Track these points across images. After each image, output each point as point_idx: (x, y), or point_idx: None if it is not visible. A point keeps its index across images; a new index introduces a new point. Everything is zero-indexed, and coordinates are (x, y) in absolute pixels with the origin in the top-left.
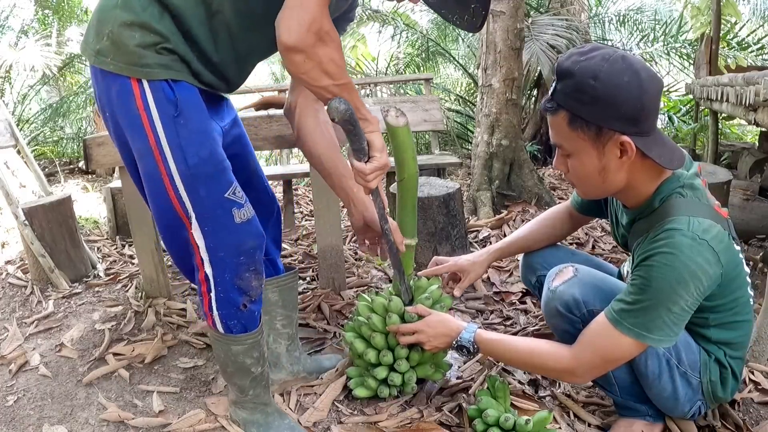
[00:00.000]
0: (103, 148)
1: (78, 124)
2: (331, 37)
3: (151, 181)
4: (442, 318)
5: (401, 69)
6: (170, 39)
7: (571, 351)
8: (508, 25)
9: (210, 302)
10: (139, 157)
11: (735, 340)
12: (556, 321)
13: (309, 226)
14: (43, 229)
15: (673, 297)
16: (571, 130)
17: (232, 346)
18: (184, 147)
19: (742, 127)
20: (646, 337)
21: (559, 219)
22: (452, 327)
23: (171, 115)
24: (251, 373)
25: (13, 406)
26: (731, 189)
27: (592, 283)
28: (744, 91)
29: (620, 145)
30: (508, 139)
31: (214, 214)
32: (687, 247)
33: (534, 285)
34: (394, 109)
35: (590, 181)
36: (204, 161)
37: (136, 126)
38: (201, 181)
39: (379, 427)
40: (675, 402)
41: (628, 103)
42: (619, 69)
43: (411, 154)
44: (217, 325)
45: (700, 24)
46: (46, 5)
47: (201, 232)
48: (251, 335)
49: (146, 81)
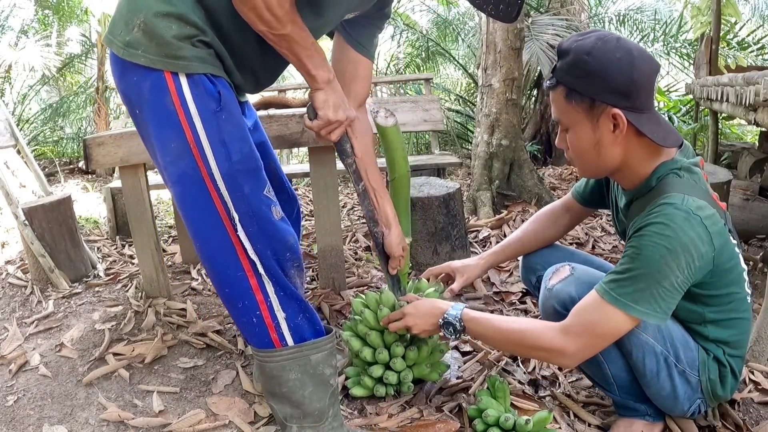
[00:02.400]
0: (103, 148)
1: (78, 124)
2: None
3: (189, 183)
4: (430, 300)
5: (401, 69)
6: (207, 32)
7: (561, 330)
8: (508, 25)
9: (271, 310)
10: (173, 160)
11: (733, 338)
12: (553, 319)
13: (309, 226)
14: (43, 229)
15: (663, 269)
16: (567, 104)
17: (311, 356)
18: (228, 143)
19: (742, 127)
20: (633, 309)
21: (554, 216)
22: (439, 306)
23: (213, 110)
24: (330, 387)
25: (13, 406)
26: (731, 189)
27: (589, 281)
28: (744, 91)
29: (612, 118)
30: (508, 139)
31: (259, 211)
32: (680, 219)
33: (534, 285)
34: (384, 109)
35: (587, 156)
36: (247, 157)
37: (172, 124)
38: (244, 177)
39: (379, 427)
40: (674, 401)
41: (618, 77)
42: (612, 47)
43: (401, 154)
44: (286, 337)
45: (700, 24)
46: (46, 5)
47: (246, 234)
48: (329, 338)
49: (183, 75)
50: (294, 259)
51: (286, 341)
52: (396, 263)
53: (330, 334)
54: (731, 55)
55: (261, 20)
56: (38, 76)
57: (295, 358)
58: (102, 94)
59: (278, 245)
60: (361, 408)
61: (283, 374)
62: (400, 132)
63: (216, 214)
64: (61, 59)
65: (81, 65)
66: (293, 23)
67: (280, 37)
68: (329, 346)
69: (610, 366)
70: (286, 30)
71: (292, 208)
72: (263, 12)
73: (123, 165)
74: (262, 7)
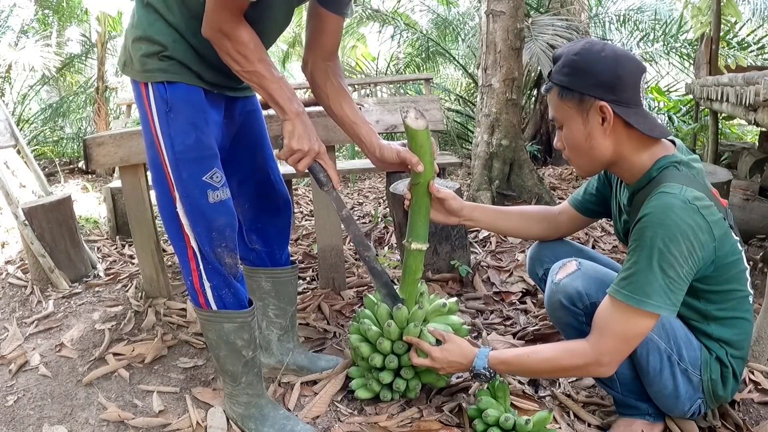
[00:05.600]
0: (103, 148)
1: (78, 124)
2: (234, 35)
3: (155, 167)
4: (457, 346)
5: (401, 69)
6: (168, 47)
7: (589, 342)
8: (508, 25)
9: (200, 277)
10: (147, 148)
11: (736, 338)
12: (560, 314)
13: (309, 226)
14: (43, 229)
15: (667, 257)
16: (560, 101)
17: (224, 324)
18: (173, 136)
19: (742, 127)
20: (646, 303)
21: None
22: (466, 355)
23: (165, 111)
24: (243, 357)
25: (13, 406)
26: (731, 189)
27: (596, 276)
28: (744, 91)
29: (600, 110)
30: (508, 139)
31: (192, 193)
32: (678, 207)
33: (541, 278)
34: (414, 109)
35: (580, 149)
36: (189, 148)
37: (145, 120)
38: (183, 165)
39: (379, 426)
40: (675, 400)
41: (604, 72)
42: (598, 48)
43: (428, 159)
44: (210, 302)
45: (701, 24)
46: (46, 5)
47: (183, 211)
48: (242, 313)
49: (151, 84)
50: (221, 239)
51: (210, 305)
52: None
53: (245, 311)
54: (731, 55)
55: (232, 59)
56: (38, 76)
57: (210, 320)
58: (102, 94)
59: (207, 225)
60: (360, 408)
61: (205, 332)
62: (430, 135)
63: (169, 192)
64: (61, 59)
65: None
66: (261, 61)
67: (250, 73)
68: (240, 320)
69: None
70: (254, 67)
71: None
72: (233, 53)
73: (123, 165)
74: (232, 50)
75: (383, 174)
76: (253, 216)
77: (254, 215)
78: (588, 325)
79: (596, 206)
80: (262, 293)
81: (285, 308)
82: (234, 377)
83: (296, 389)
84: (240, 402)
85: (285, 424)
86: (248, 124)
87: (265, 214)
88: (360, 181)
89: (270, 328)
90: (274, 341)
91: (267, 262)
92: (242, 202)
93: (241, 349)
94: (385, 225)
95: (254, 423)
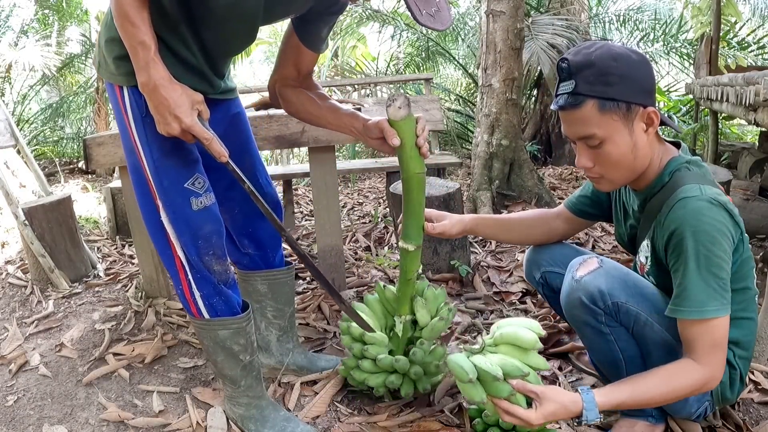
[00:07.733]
0: (103, 148)
1: (78, 124)
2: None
3: (136, 173)
4: (559, 403)
5: (401, 69)
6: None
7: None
8: (508, 25)
9: (190, 287)
10: (127, 154)
11: (744, 339)
12: (578, 312)
13: (309, 226)
14: (43, 229)
15: (713, 260)
16: (603, 115)
17: (219, 332)
18: (151, 142)
19: (742, 127)
20: (706, 311)
21: (545, 218)
22: (573, 411)
23: (141, 116)
24: (240, 361)
25: (13, 406)
26: (731, 189)
27: (618, 275)
28: (744, 91)
29: (647, 117)
30: (508, 139)
31: (174, 201)
32: (706, 209)
33: (538, 281)
34: (402, 97)
35: (624, 162)
36: (166, 154)
37: (123, 125)
38: (164, 171)
39: (379, 426)
40: (684, 402)
41: (645, 77)
42: (624, 51)
43: (411, 152)
44: (202, 311)
45: (701, 24)
46: (46, 5)
47: (167, 219)
48: (236, 319)
49: (125, 87)
50: (208, 247)
51: (202, 314)
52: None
53: (239, 317)
54: (731, 55)
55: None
56: (38, 76)
57: (205, 329)
58: (102, 94)
59: (192, 233)
60: (360, 408)
61: (200, 339)
62: (414, 125)
63: (152, 201)
64: (61, 59)
65: (81, 65)
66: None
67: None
68: (235, 326)
69: (628, 367)
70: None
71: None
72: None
73: (123, 165)
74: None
75: (383, 174)
76: (243, 221)
77: (244, 220)
78: (607, 325)
79: (591, 209)
80: (259, 296)
81: (283, 309)
82: (233, 381)
83: (296, 389)
84: (240, 403)
85: (285, 426)
86: (232, 128)
87: (256, 218)
88: (360, 181)
89: (269, 328)
90: (273, 342)
91: (261, 266)
92: (231, 207)
93: (238, 354)
94: (385, 225)
95: (254, 424)
